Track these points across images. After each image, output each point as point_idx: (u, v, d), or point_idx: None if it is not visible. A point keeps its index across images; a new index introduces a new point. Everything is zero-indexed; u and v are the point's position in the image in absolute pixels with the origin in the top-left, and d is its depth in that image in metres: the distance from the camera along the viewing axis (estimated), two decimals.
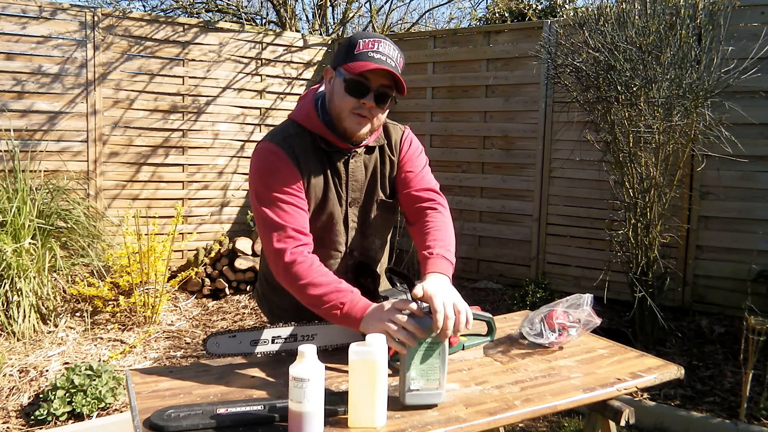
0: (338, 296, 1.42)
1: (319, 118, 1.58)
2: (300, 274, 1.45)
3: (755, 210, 3.90)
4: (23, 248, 3.66)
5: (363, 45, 1.48)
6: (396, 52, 1.51)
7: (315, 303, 1.44)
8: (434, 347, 1.31)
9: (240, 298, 4.72)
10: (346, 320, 1.41)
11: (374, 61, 1.46)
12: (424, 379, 1.30)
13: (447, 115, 5.30)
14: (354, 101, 1.49)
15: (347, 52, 1.50)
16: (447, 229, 1.63)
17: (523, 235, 4.93)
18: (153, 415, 1.20)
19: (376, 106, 1.51)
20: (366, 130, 1.55)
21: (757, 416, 2.83)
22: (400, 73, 1.50)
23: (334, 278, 1.46)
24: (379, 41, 1.49)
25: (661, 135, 3.40)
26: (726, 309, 3.96)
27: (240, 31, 5.39)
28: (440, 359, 1.31)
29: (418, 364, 1.30)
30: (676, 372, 1.54)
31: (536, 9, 7.13)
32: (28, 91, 4.59)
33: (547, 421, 2.99)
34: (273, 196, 1.51)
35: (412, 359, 1.30)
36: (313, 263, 1.48)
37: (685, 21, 3.30)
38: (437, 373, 1.30)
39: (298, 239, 1.49)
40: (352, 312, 1.39)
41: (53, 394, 2.83)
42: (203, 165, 5.31)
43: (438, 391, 1.31)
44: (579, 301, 1.70)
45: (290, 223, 1.50)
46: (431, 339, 1.31)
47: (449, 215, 1.68)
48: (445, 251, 1.55)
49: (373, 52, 1.47)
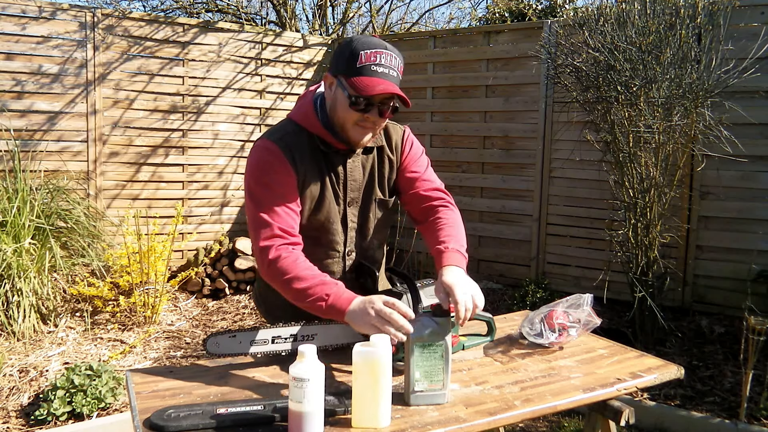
0: (323, 288, 1.42)
1: (317, 119, 1.58)
2: (284, 269, 1.46)
3: (755, 210, 3.90)
4: (23, 248, 3.66)
5: (365, 57, 1.46)
6: (397, 60, 1.51)
7: (300, 297, 1.44)
8: (438, 349, 1.31)
9: (240, 298, 4.72)
10: (332, 312, 1.41)
11: (378, 76, 1.46)
12: (428, 380, 1.31)
13: (447, 115, 5.30)
14: (358, 115, 1.51)
15: (349, 63, 1.48)
16: (458, 226, 1.66)
17: (523, 235, 4.93)
18: (153, 415, 1.20)
19: (380, 117, 1.52)
20: (369, 138, 1.57)
21: (757, 416, 2.83)
22: (400, 77, 1.52)
23: (318, 272, 1.47)
24: (381, 52, 1.48)
25: (661, 135, 3.40)
26: (726, 309, 3.96)
27: (240, 31, 5.38)
28: (444, 360, 1.31)
29: (421, 366, 1.30)
30: (676, 372, 1.55)
31: (536, 9, 7.13)
32: (27, 91, 4.59)
33: (547, 421, 2.99)
34: (264, 194, 1.52)
35: (416, 361, 1.30)
36: (298, 258, 1.48)
37: (685, 21, 3.30)
38: (441, 374, 1.31)
39: (285, 238, 1.50)
40: (337, 303, 1.39)
41: (53, 394, 2.83)
42: (203, 165, 5.31)
43: (442, 392, 1.32)
44: (579, 301, 1.70)
45: (278, 222, 1.50)
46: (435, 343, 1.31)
47: (458, 212, 1.72)
48: (459, 246, 1.58)
49: (376, 66, 1.46)
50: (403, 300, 1.55)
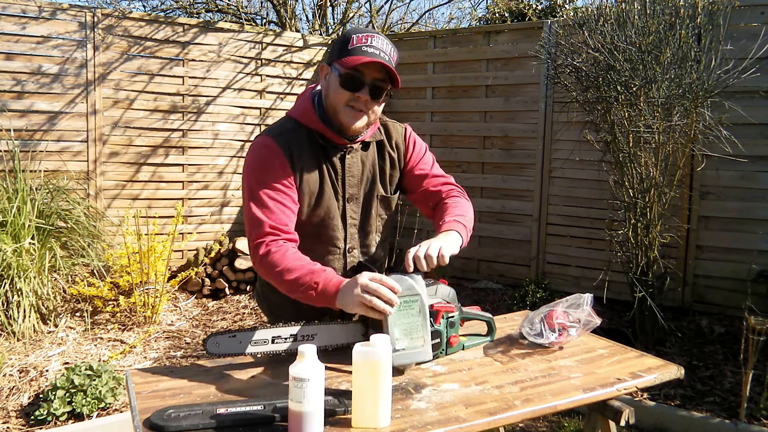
0: (312, 276, 1.42)
1: (315, 114, 1.60)
2: (275, 262, 1.47)
3: (755, 210, 3.90)
4: (23, 248, 3.66)
5: (357, 40, 1.50)
6: (389, 46, 1.54)
7: (292, 287, 1.45)
8: (413, 305, 1.31)
9: (240, 298, 4.72)
10: (323, 298, 1.41)
11: (368, 55, 1.48)
12: (407, 338, 1.30)
13: (447, 115, 5.30)
14: (349, 95, 1.52)
15: (341, 47, 1.53)
16: (465, 206, 1.70)
17: (523, 235, 4.93)
18: (153, 415, 1.20)
19: (371, 99, 1.53)
20: (362, 124, 1.57)
21: (757, 416, 2.83)
22: (393, 63, 1.53)
23: (308, 261, 1.47)
24: (372, 35, 1.52)
25: (661, 135, 3.40)
26: (726, 309, 3.96)
27: (240, 31, 5.38)
28: (421, 315, 1.30)
29: (399, 323, 1.30)
30: (676, 372, 1.55)
31: (536, 9, 7.13)
32: (28, 91, 4.59)
33: (547, 421, 2.99)
34: (261, 191, 1.53)
35: (394, 319, 1.29)
36: (288, 250, 1.49)
37: (685, 21, 3.30)
38: (420, 330, 1.30)
39: (277, 235, 1.51)
40: (327, 288, 1.40)
41: (53, 394, 2.83)
42: (203, 165, 5.31)
43: (423, 348, 1.30)
44: (579, 301, 1.70)
45: (272, 219, 1.51)
46: (409, 297, 1.31)
47: (468, 199, 1.76)
48: (457, 217, 1.61)
49: (367, 47, 1.49)
50: None
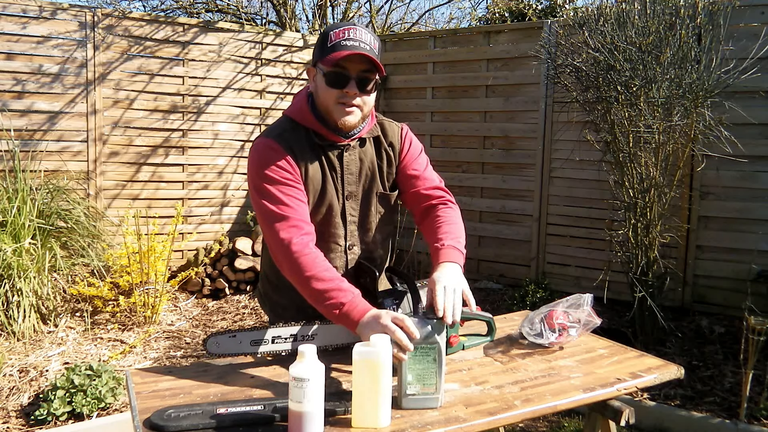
0: (339, 295, 1.42)
1: (311, 113, 1.60)
2: (305, 266, 1.45)
3: (755, 210, 3.90)
4: (23, 248, 3.66)
5: (335, 36, 1.50)
6: (369, 35, 1.52)
7: (316, 297, 1.44)
8: (430, 352, 1.30)
9: (240, 298, 4.72)
10: (344, 320, 1.41)
11: (347, 49, 1.48)
12: (420, 383, 1.29)
13: (447, 115, 5.30)
14: (337, 92, 1.52)
15: (321, 46, 1.53)
16: (457, 223, 1.67)
17: (523, 235, 4.93)
18: (153, 415, 1.20)
19: (360, 92, 1.52)
20: (356, 119, 1.56)
21: (757, 416, 2.83)
22: (375, 52, 1.51)
23: (337, 275, 1.47)
24: (349, 28, 1.51)
25: (661, 135, 3.40)
26: (726, 309, 3.96)
27: (240, 31, 5.38)
28: (437, 364, 1.30)
29: (414, 369, 1.29)
30: (676, 372, 1.55)
31: (536, 9, 7.13)
32: (28, 91, 4.58)
33: (547, 421, 2.99)
34: (273, 188, 1.53)
35: (408, 363, 1.29)
36: (318, 256, 1.49)
37: (685, 21, 3.30)
38: (434, 378, 1.30)
39: (302, 228, 1.50)
40: (351, 314, 1.39)
41: (53, 394, 2.83)
42: (203, 165, 5.31)
43: (435, 396, 1.30)
44: (579, 301, 1.70)
45: (292, 214, 1.51)
46: (428, 344, 1.31)
47: (458, 210, 1.73)
48: (455, 242, 1.59)
49: (345, 40, 1.49)
50: (404, 301, 1.55)
